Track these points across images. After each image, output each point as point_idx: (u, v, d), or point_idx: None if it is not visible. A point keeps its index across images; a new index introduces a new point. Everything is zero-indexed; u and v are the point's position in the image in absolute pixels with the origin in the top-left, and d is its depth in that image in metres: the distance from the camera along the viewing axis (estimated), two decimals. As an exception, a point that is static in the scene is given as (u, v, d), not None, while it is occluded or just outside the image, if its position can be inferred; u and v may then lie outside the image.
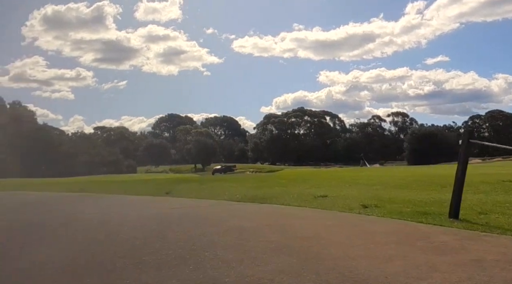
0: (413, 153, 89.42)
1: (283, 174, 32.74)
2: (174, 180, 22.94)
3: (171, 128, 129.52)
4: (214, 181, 19.17)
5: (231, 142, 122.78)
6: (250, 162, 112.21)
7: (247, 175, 34.07)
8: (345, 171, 29.41)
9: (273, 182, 15.54)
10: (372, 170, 32.70)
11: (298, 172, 35.19)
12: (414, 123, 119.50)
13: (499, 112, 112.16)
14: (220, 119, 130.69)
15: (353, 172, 26.23)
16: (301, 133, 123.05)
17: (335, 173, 25.64)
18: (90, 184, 21.33)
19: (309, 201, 8.46)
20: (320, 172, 31.45)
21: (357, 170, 34.34)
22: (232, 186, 13.65)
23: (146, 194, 12.88)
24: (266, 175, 30.48)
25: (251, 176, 28.34)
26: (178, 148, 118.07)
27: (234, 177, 27.31)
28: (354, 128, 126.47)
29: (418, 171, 23.74)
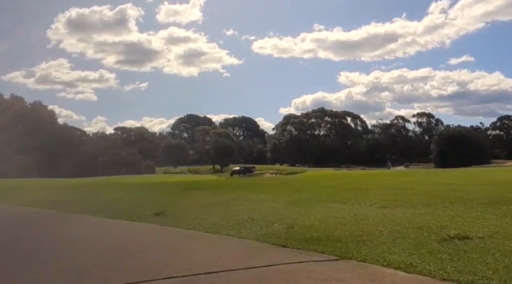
0: (440, 155, 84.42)
1: (310, 177, 29.21)
2: (183, 186, 19.64)
3: (190, 129, 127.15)
4: (233, 189, 15.55)
5: (249, 143, 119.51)
6: (268, 163, 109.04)
7: (271, 179, 30.44)
8: (386, 175, 25.73)
9: (315, 191, 12.08)
10: (412, 174, 28.63)
11: (327, 175, 31.63)
12: (440, 124, 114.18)
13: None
14: (238, 120, 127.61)
15: (396, 176, 22.53)
16: (321, 134, 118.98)
17: (377, 176, 22.08)
18: (80, 189, 18.18)
19: (451, 256, 3.98)
20: (358, 176, 27.67)
21: (394, 174, 30.36)
22: (260, 200, 10.05)
23: (125, 216, 8.13)
24: (293, 179, 27.07)
25: (278, 181, 24.76)
26: (197, 148, 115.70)
27: (257, 182, 23.85)
28: (377, 129, 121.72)
29: (474, 176, 19.88)
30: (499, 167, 60.23)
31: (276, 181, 22.83)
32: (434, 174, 25.44)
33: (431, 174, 25.07)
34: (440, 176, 21.97)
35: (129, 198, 13.79)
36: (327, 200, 9.31)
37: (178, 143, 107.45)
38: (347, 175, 28.32)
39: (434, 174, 26.50)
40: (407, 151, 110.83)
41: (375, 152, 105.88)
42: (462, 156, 79.32)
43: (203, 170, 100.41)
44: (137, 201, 12.35)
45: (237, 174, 69.41)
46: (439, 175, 22.42)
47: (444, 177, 20.04)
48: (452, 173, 27.32)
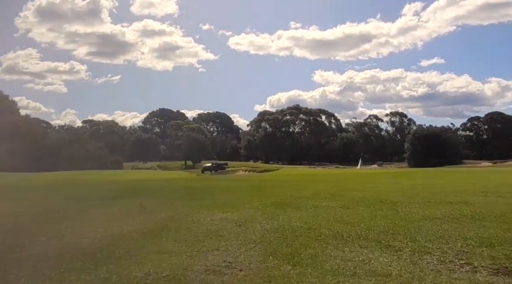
0: (414, 155, 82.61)
1: (287, 177, 25.54)
2: (116, 188, 15.73)
3: (162, 124, 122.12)
4: (183, 197, 11.77)
5: (223, 139, 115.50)
6: (242, 160, 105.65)
7: (243, 179, 26.51)
8: (366, 175, 22.45)
9: (302, 206, 8.34)
10: (400, 175, 25.44)
11: (305, 175, 28.10)
12: (412, 124, 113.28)
13: (498, 115, 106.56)
14: (213, 115, 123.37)
15: (372, 177, 19.15)
16: (296, 132, 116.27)
17: (365, 177, 18.77)
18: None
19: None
20: (343, 175, 24.31)
21: (378, 175, 27.12)
22: (211, 232, 6.07)
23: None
24: (268, 179, 23.34)
25: (250, 182, 20.87)
26: (169, 144, 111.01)
27: (224, 183, 19.99)
28: (351, 127, 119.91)
29: (467, 177, 16.75)
30: (476, 167, 58.42)
31: (248, 183, 19.05)
32: (407, 176, 22.33)
33: (408, 177, 21.77)
34: (430, 177, 18.78)
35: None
36: (323, 209, 5.64)
37: (148, 138, 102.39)
38: (331, 175, 24.84)
39: (407, 175, 23.36)
40: (381, 150, 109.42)
41: (349, 150, 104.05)
42: (436, 155, 77.90)
43: (174, 166, 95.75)
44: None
45: (209, 171, 65.84)
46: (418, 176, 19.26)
47: (435, 179, 16.75)
48: (435, 172, 24.24)
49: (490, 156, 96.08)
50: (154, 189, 15.97)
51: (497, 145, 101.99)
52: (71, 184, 21.37)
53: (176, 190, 15.08)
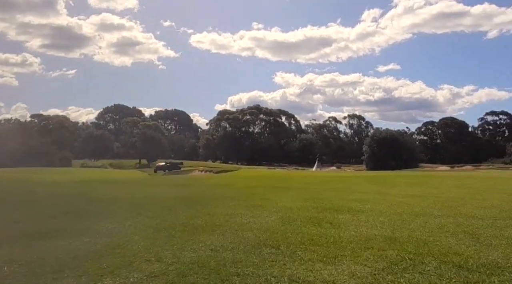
0: (372, 157, 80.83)
1: (246, 177, 21.53)
2: None
3: (117, 120, 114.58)
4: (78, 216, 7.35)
5: (181, 137, 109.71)
6: (201, 159, 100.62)
7: (195, 179, 22.01)
8: (340, 179, 18.66)
9: (266, 222, 4.58)
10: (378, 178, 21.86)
11: (268, 176, 24.05)
12: (370, 127, 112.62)
13: (452, 120, 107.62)
14: (171, 113, 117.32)
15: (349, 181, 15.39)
16: (256, 132, 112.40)
17: (337, 182, 14.96)
18: None
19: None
20: (310, 179, 20.36)
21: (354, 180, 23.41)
22: None
23: None
24: (221, 181, 19.12)
25: (196, 184, 16.55)
26: (123, 141, 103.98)
27: (156, 190, 15.31)
28: (310, 129, 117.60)
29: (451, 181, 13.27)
30: (433, 171, 56.91)
31: (187, 190, 14.69)
32: (386, 182, 18.70)
33: (389, 183, 18.13)
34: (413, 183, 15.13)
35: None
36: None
37: (100, 134, 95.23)
38: (299, 180, 20.85)
39: (386, 181, 19.76)
40: (339, 152, 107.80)
41: (308, 151, 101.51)
42: (394, 159, 76.41)
43: (127, 165, 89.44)
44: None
45: (162, 170, 60.82)
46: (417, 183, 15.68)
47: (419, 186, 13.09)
48: (413, 176, 20.75)
49: (443, 160, 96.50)
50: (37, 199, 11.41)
51: (450, 149, 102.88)
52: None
53: (56, 205, 10.58)
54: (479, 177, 22.38)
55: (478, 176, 24.92)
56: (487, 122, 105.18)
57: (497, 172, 38.28)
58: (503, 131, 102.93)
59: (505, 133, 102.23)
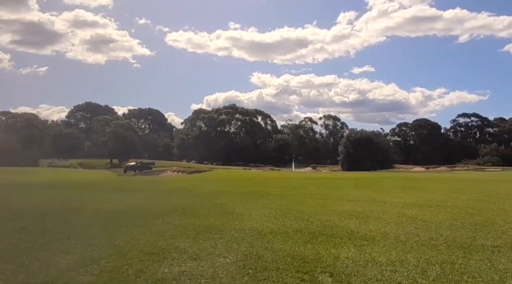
0: (348, 158, 79.07)
1: (218, 179, 18.67)
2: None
3: (88, 118, 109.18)
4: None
5: (155, 137, 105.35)
6: (175, 159, 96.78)
7: (165, 178, 18.74)
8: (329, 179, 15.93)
9: None
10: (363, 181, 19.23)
11: (243, 178, 21.13)
12: (345, 128, 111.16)
13: (425, 122, 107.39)
14: (144, 112, 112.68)
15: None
16: (232, 132, 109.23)
17: (323, 186, 12.21)
18: None
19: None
20: (289, 180, 17.59)
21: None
22: None
23: None
24: (194, 181, 16.03)
25: (168, 182, 13.20)
26: (94, 140, 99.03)
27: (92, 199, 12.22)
28: (286, 129, 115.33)
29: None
30: (411, 172, 55.44)
31: (150, 194, 11.74)
32: (374, 185, 16.10)
33: (377, 187, 15.52)
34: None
35: None
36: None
37: (70, 133, 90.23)
38: (278, 183, 17.96)
39: (374, 184, 17.17)
40: (315, 152, 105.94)
41: (284, 152, 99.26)
42: (369, 159, 74.86)
43: (98, 165, 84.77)
44: None
45: (132, 170, 57.15)
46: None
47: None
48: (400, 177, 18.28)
49: (416, 161, 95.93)
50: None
51: (423, 150, 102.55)
52: None
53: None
54: (468, 180, 20.13)
55: (466, 178, 22.76)
56: (459, 123, 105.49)
57: (477, 173, 36.57)
58: (474, 132, 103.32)
59: (476, 134, 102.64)
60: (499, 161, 69.13)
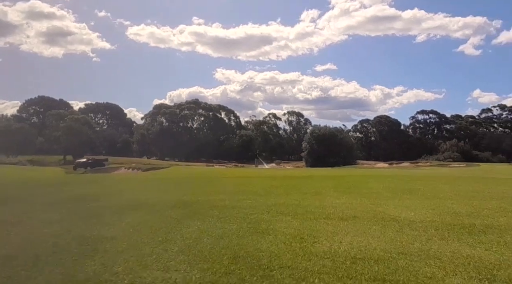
0: (312, 154, 76.20)
1: (173, 178, 14.26)
2: None
3: (42, 113, 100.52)
4: None
5: (114, 132, 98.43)
6: (135, 155, 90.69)
7: (112, 177, 13.30)
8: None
9: None
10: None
11: (202, 177, 16.78)
12: (309, 124, 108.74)
13: (386, 118, 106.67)
14: (102, 106, 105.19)
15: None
16: (194, 127, 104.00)
17: (305, 191, 7.95)
18: None
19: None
20: (246, 180, 13.36)
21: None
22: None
23: None
24: (128, 182, 11.32)
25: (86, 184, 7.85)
26: (47, 135, 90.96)
27: None
28: (250, 125, 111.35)
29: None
30: (373, 168, 53.31)
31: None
32: (354, 186, 12.28)
33: (362, 188, 11.59)
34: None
35: None
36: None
37: (20, 128, 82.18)
38: (237, 182, 13.54)
39: (355, 184, 13.32)
40: (278, 148, 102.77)
41: (248, 148, 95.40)
42: (333, 155, 72.27)
43: (50, 161, 77.50)
44: None
45: (83, 168, 51.44)
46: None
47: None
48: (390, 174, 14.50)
49: (377, 157, 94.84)
50: None
51: (383, 146, 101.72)
52: None
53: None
54: (467, 179, 16.73)
55: (458, 176, 19.41)
56: (418, 120, 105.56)
57: (451, 170, 34.00)
58: (432, 129, 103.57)
59: (434, 131, 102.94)
60: (459, 157, 68.30)
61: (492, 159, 70.48)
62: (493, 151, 77.67)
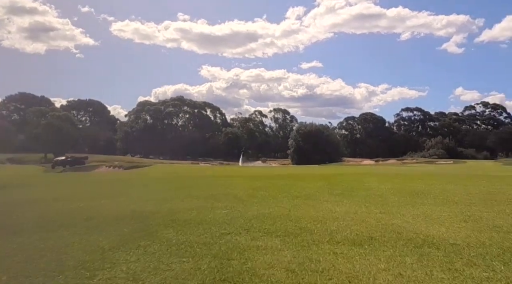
0: (298, 151, 74.60)
1: (149, 178, 11.83)
2: None
3: (22, 110, 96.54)
4: None
5: (96, 129, 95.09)
6: (119, 153, 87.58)
7: (90, 176, 10.66)
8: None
9: None
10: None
11: (175, 175, 14.63)
12: (295, 121, 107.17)
13: (371, 116, 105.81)
14: (85, 103, 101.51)
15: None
16: (180, 124, 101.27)
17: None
18: None
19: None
20: (227, 180, 11.03)
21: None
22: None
23: None
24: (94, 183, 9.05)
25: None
26: (28, 133, 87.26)
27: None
28: (236, 122, 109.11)
29: None
30: (360, 165, 52.11)
31: None
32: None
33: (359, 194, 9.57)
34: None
35: None
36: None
37: (-2, 125, 78.27)
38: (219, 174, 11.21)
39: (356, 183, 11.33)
40: (264, 146, 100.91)
41: (234, 145, 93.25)
42: (319, 152, 70.75)
43: (30, 159, 74.17)
44: None
45: (61, 166, 48.84)
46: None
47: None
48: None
49: (362, 154, 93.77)
50: None
51: (368, 143, 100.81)
52: None
53: None
54: (458, 177, 14.99)
55: (451, 173, 17.68)
56: (403, 117, 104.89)
57: (440, 166, 32.58)
58: (417, 126, 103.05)
59: (418, 128, 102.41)
60: (444, 154, 67.45)
61: (476, 155, 69.90)
62: (476, 148, 77.29)
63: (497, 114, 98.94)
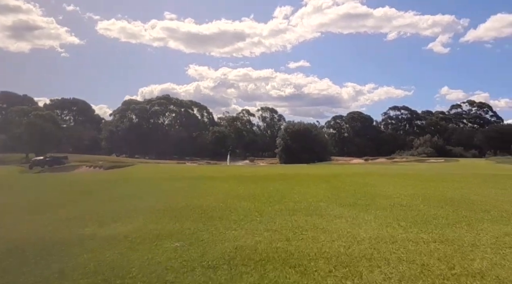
0: (286, 150, 72.25)
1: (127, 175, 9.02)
2: None
3: (4, 109, 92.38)
4: None
5: (81, 129, 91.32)
6: (104, 153, 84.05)
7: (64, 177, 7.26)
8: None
9: None
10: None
11: (156, 174, 11.65)
12: (282, 120, 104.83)
13: (358, 114, 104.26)
14: (69, 102, 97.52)
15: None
16: (166, 124, 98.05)
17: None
18: None
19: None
20: (208, 182, 8.00)
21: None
22: None
23: None
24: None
25: None
26: (10, 133, 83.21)
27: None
28: (223, 121, 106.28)
29: None
30: (349, 164, 49.92)
31: None
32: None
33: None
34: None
35: None
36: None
37: (-24, 124, 74.16)
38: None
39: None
40: (252, 145, 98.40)
41: (221, 144, 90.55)
42: (307, 151, 68.52)
43: (11, 159, 70.33)
44: None
45: (39, 166, 45.72)
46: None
47: None
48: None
49: (350, 153, 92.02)
50: None
51: (356, 142, 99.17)
52: None
53: None
54: (468, 178, 12.61)
55: (456, 173, 15.31)
56: (390, 116, 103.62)
57: (432, 165, 30.32)
58: (404, 125, 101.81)
59: (406, 126, 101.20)
60: (433, 153, 65.84)
61: (465, 154, 68.53)
62: (463, 146, 76.06)
63: (483, 112, 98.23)
